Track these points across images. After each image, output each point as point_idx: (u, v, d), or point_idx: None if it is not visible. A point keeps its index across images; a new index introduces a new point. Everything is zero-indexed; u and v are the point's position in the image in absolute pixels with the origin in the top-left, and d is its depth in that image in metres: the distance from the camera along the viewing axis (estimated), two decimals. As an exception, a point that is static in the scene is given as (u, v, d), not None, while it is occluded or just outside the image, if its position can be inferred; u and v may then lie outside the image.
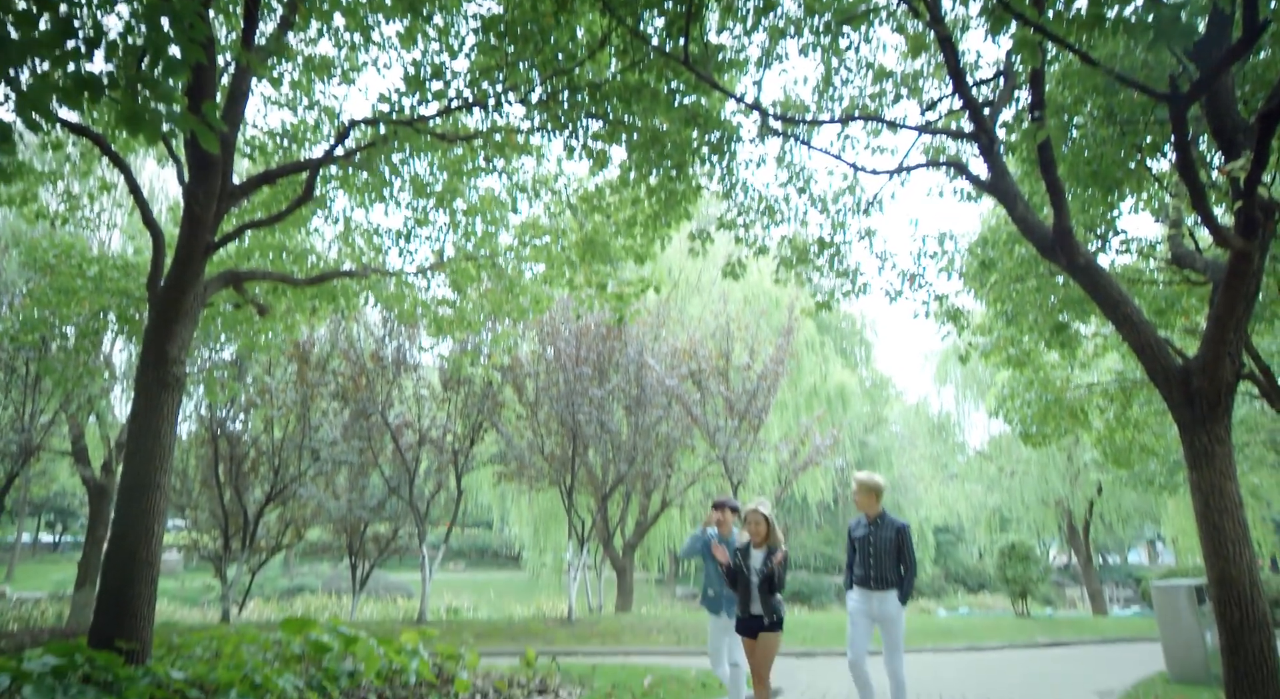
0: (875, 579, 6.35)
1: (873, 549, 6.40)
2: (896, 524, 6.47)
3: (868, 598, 6.39)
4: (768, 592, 6.01)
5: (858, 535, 6.58)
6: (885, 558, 6.37)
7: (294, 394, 14.08)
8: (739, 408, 14.89)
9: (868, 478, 6.57)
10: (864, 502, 6.52)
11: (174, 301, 6.60)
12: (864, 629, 6.39)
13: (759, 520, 6.13)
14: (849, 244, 6.54)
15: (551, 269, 9.01)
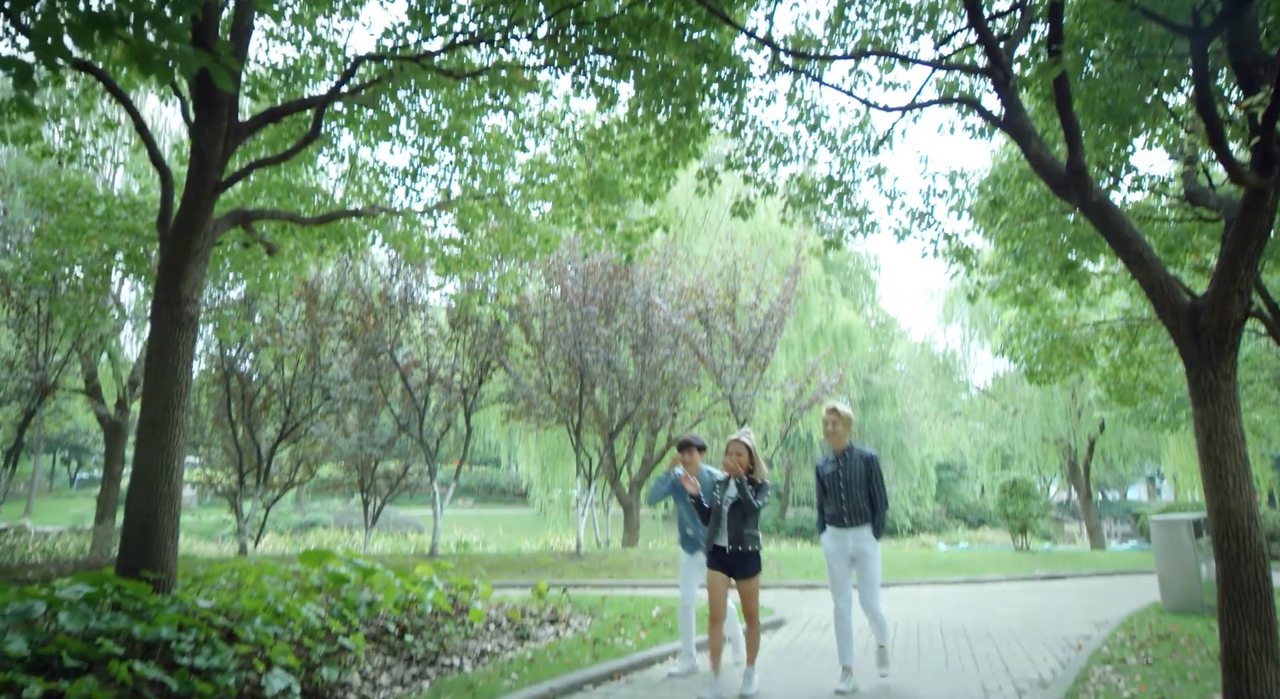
0: (848, 514, 6.14)
1: (843, 484, 6.19)
2: (865, 455, 6.26)
3: (842, 536, 6.20)
4: (740, 519, 5.75)
5: (827, 473, 6.35)
6: (857, 491, 6.18)
7: (304, 333, 14.18)
8: (745, 347, 14.96)
9: (846, 408, 6.38)
10: (841, 433, 6.29)
11: (184, 241, 6.61)
12: (844, 571, 6.21)
13: (741, 451, 5.83)
14: (858, 183, 6.48)
15: (559, 208, 8.97)
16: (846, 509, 6.13)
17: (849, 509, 6.13)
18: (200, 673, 4.75)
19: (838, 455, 6.29)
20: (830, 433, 6.34)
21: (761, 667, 7.14)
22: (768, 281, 16.10)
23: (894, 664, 7.27)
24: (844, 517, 6.14)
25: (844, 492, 6.17)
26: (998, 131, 6.34)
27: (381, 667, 5.97)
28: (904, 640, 8.46)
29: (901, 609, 10.89)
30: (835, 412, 6.33)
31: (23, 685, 4.07)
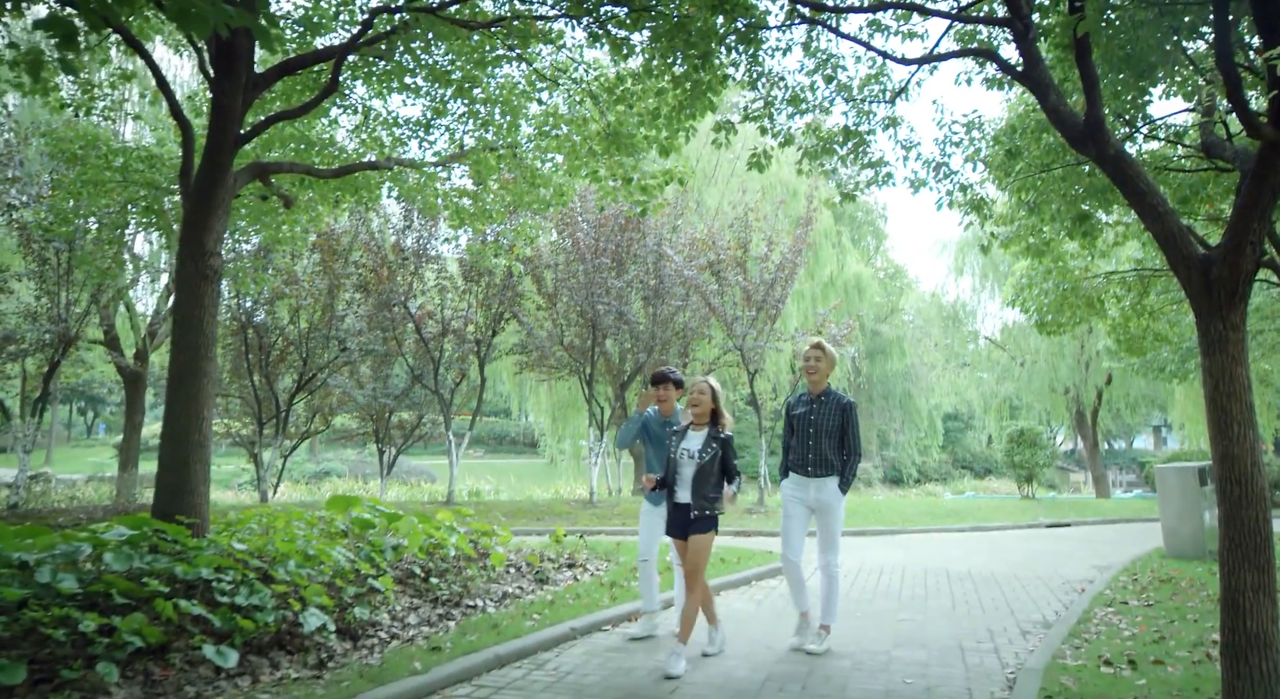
0: (814, 463, 5.59)
1: (813, 430, 5.61)
2: (842, 402, 5.67)
3: (804, 485, 5.65)
4: (703, 480, 5.20)
5: (797, 414, 5.76)
6: (826, 439, 5.60)
7: (320, 284, 14.31)
8: (757, 298, 15.02)
9: (831, 347, 5.82)
10: (822, 372, 5.72)
11: (207, 195, 6.69)
12: (800, 521, 5.68)
13: (703, 391, 5.28)
14: (873, 133, 6.48)
15: (574, 160, 8.97)
16: (813, 457, 5.60)
17: (815, 457, 5.60)
18: (240, 611, 4.99)
19: (813, 398, 5.72)
20: (811, 370, 5.74)
21: (776, 608, 7.40)
22: (779, 233, 16.09)
23: (903, 609, 7.51)
24: (808, 465, 5.62)
25: (812, 438, 5.62)
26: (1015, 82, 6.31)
27: (409, 607, 6.22)
28: (911, 585, 8.71)
29: (908, 555, 11.16)
30: (820, 348, 5.75)
31: (78, 620, 4.30)
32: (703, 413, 5.30)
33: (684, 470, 5.28)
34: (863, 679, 5.16)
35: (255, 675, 4.68)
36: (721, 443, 5.27)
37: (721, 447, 5.26)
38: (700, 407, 5.29)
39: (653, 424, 5.87)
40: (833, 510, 5.63)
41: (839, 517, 5.68)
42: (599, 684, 4.99)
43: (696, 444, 5.26)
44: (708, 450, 5.22)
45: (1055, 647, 5.71)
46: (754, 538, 12.86)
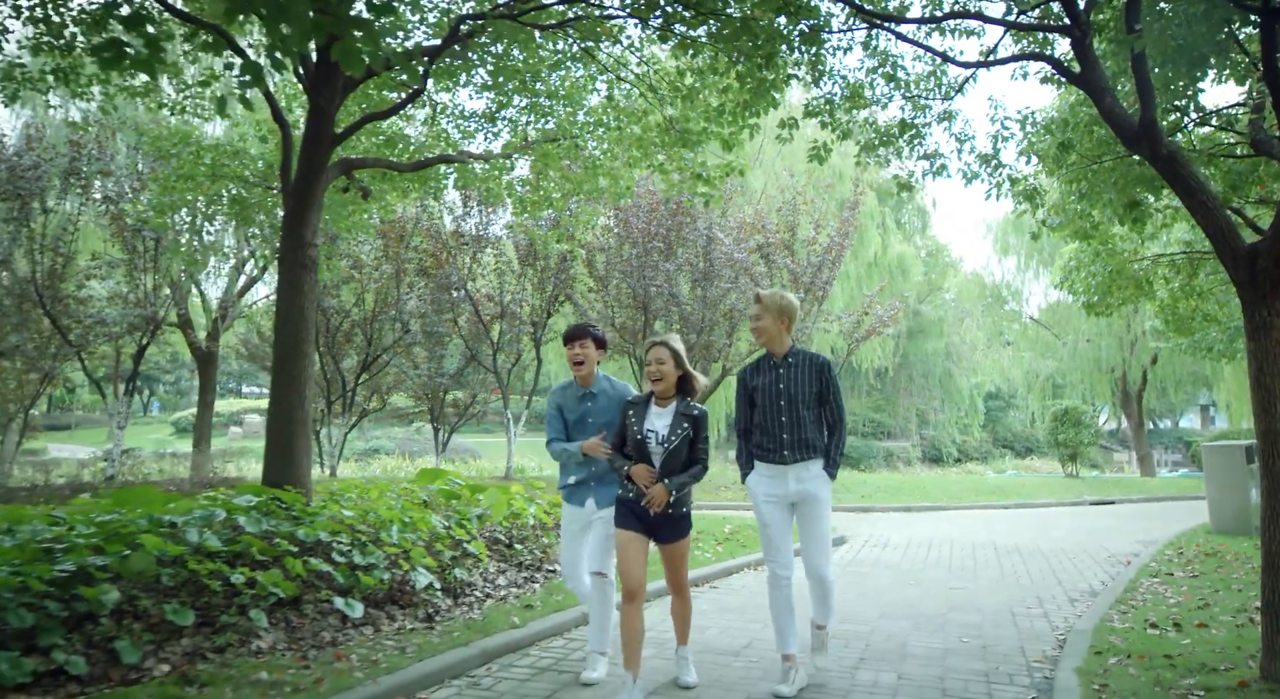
0: (790, 445, 4.25)
1: (785, 402, 4.28)
2: (818, 361, 4.38)
3: (780, 476, 4.30)
4: (673, 468, 4.12)
5: (758, 385, 4.41)
6: (803, 412, 4.27)
7: (386, 269, 14.95)
8: (804, 280, 15.35)
9: (775, 296, 4.42)
10: (769, 331, 4.35)
11: (306, 191, 7.24)
12: (784, 525, 4.37)
13: (663, 359, 4.14)
14: (929, 126, 6.80)
15: (635, 151, 9.37)
16: (788, 437, 4.25)
17: (792, 438, 4.26)
18: (358, 569, 5.56)
19: (777, 361, 4.37)
20: (757, 332, 4.42)
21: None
22: (825, 216, 16.36)
23: (954, 578, 7.92)
24: (782, 448, 4.27)
25: (785, 413, 4.27)
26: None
27: (498, 571, 6.77)
28: (960, 557, 9.10)
29: (955, 529, 11.52)
30: (759, 301, 4.44)
31: (228, 574, 4.90)
32: (666, 385, 4.15)
33: (652, 456, 4.11)
34: (922, 637, 5.60)
35: (376, 625, 5.26)
36: (694, 421, 4.15)
37: (693, 426, 4.15)
38: (664, 378, 4.13)
39: (568, 401, 4.63)
40: (819, 504, 4.29)
41: (827, 512, 4.36)
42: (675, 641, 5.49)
43: (663, 424, 4.11)
44: (678, 431, 4.09)
45: (1103, 612, 6.09)
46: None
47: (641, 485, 4.08)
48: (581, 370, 4.57)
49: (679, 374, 4.21)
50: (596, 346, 4.63)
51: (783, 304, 4.40)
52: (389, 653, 4.72)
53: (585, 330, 4.65)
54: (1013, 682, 4.62)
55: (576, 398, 4.62)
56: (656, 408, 4.21)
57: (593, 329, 4.68)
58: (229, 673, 4.20)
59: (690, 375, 4.26)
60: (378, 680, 4.25)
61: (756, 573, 8.01)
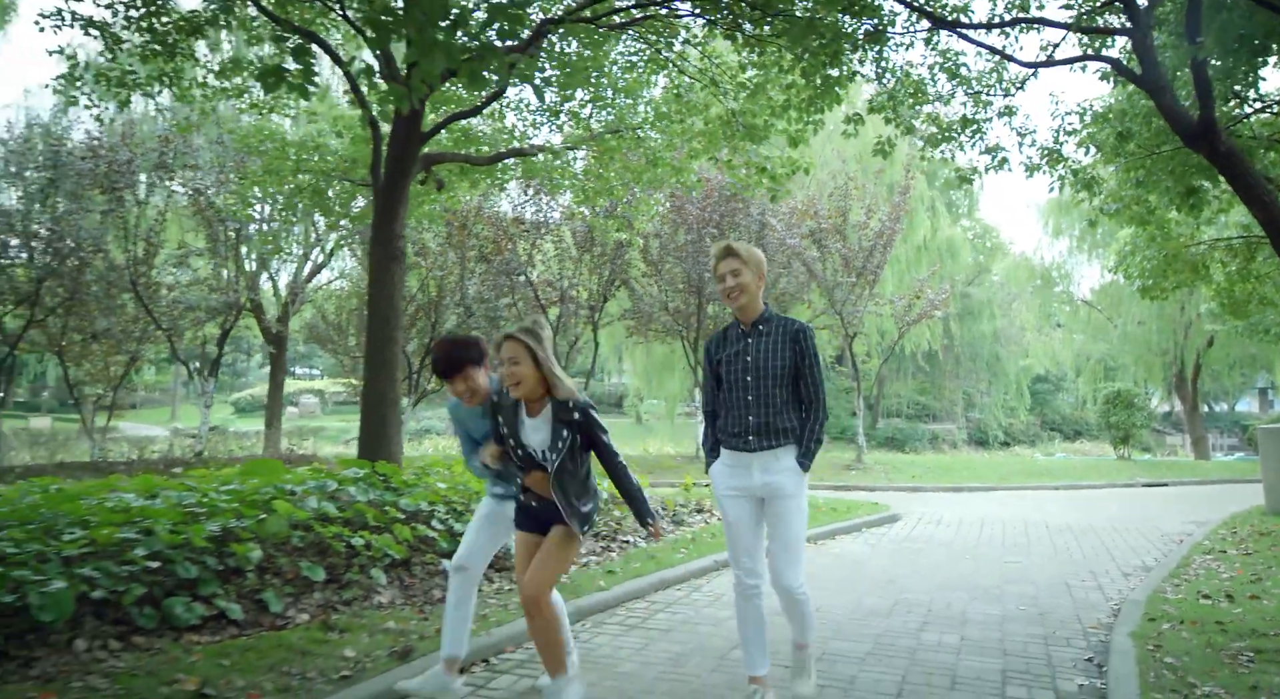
0: (757, 429, 3.54)
1: (751, 377, 3.57)
2: (793, 327, 3.63)
3: (744, 466, 3.58)
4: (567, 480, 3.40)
5: (724, 357, 3.69)
6: (775, 389, 3.55)
7: (452, 256, 15.55)
8: (856, 265, 15.60)
9: (750, 248, 3.71)
10: (749, 289, 3.61)
11: (394, 187, 7.75)
12: (751, 523, 3.64)
13: (515, 358, 3.35)
14: (990, 121, 7.06)
15: (694, 144, 9.73)
16: (754, 420, 3.56)
17: (758, 421, 3.55)
18: (456, 535, 6.09)
19: (746, 330, 3.66)
20: (733, 292, 3.63)
21: (889, 550, 8.23)
22: (876, 200, 16.56)
23: (1008, 553, 8.23)
24: (748, 432, 3.56)
25: (751, 390, 3.57)
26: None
27: (578, 539, 7.28)
28: (1012, 534, 9.39)
29: (1006, 509, 11.78)
30: (734, 253, 3.65)
31: (349, 537, 5.45)
32: (528, 388, 3.35)
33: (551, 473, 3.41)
34: (980, 606, 5.96)
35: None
36: (577, 423, 3.37)
37: (579, 428, 3.38)
38: (521, 382, 3.34)
39: (466, 420, 3.87)
40: (787, 501, 3.55)
41: (800, 511, 3.59)
42: (752, 603, 5.93)
43: (540, 438, 3.39)
44: (559, 444, 3.35)
45: (1155, 584, 6.38)
46: (854, 491, 13.64)
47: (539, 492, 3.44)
48: (472, 400, 3.72)
49: (541, 374, 3.35)
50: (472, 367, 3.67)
51: (758, 258, 3.69)
52: (493, 609, 5.23)
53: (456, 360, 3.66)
54: (1069, 644, 4.97)
55: (477, 415, 3.80)
56: (527, 418, 3.38)
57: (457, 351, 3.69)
58: (360, 622, 4.74)
59: (551, 377, 3.36)
60: (490, 632, 4.75)
61: (815, 547, 8.40)
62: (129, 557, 4.44)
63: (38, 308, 13.50)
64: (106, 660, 3.91)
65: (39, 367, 35.68)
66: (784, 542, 3.61)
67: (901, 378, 37.21)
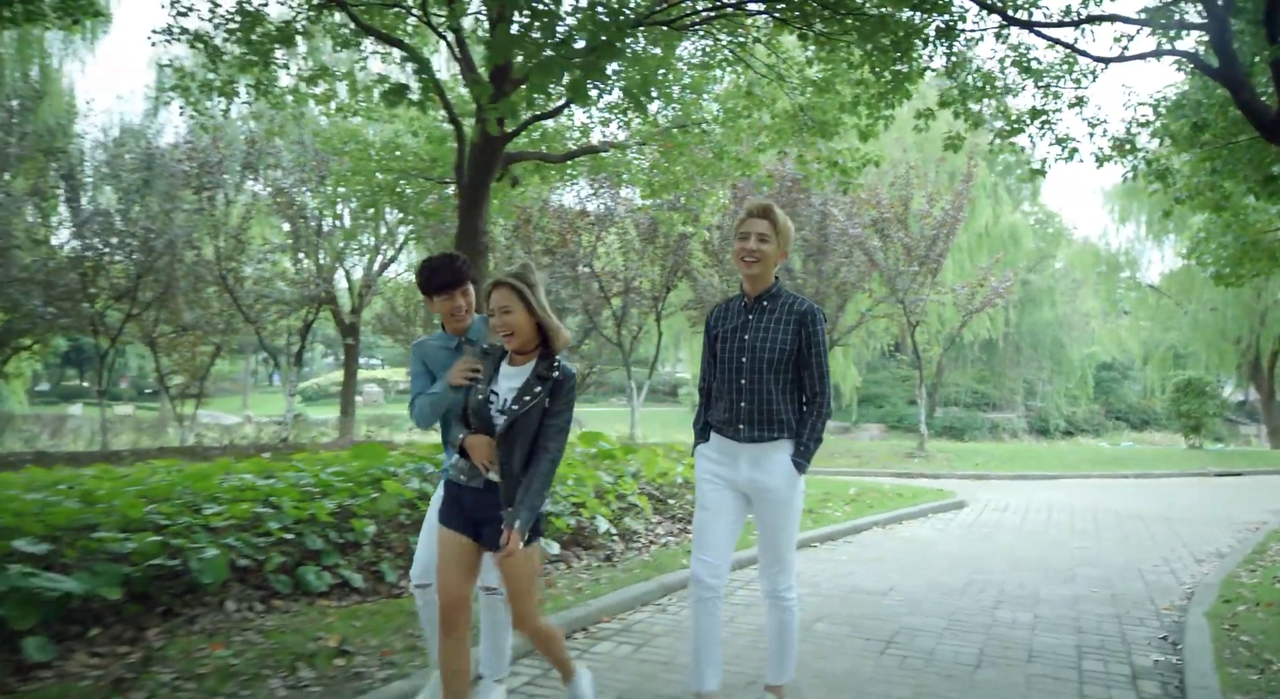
0: (748, 417, 3.16)
1: (748, 358, 3.16)
2: (800, 307, 3.20)
3: (732, 456, 3.22)
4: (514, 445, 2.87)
5: (722, 331, 3.29)
6: (770, 374, 3.15)
7: (521, 251, 16.02)
8: (918, 253, 15.62)
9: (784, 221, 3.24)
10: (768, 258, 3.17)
11: (477, 185, 8.15)
12: (725, 516, 3.23)
13: (507, 307, 2.92)
14: (1060, 112, 7.14)
15: (762, 138, 9.93)
16: (745, 406, 3.17)
17: (751, 408, 3.16)
18: (548, 515, 6.47)
19: (748, 303, 3.26)
20: (750, 256, 3.17)
21: (957, 534, 8.41)
22: (938, 188, 16.51)
23: (1078, 539, 8.32)
24: (739, 419, 3.18)
25: (743, 373, 3.17)
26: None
27: (657, 521, 7.62)
28: (1081, 521, 9.46)
29: (1073, 497, 11.78)
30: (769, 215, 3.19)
31: (413, 519, 5.87)
32: (522, 339, 2.95)
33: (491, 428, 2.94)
34: (1052, 587, 6.13)
35: (568, 563, 6.17)
36: (552, 386, 2.93)
37: (550, 391, 2.93)
38: (515, 332, 2.93)
39: (436, 356, 3.44)
40: (778, 505, 3.17)
41: (792, 516, 3.23)
42: (828, 584, 6.19)
43: (510, 386, 2.95)
44: (527, 397, 2.90)
45: (1230, 569, 6.46)
46: (917, 479, 13.74)
47: (478, 463, 2.93)
48: (455, 322, 3.42)
49: (537, 322, 2.95)
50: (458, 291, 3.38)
51: (790, 230, 3.27)
52: (586, 583, 5.60)
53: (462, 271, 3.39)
54: (1143, 624, 5.14)
55: (447, 349, 3.43)
56: (509, 367, 3.00)
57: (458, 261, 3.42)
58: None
59: (548, 325, 2.97)
60: (586, 604, 5.12)
61: (885, 530, 8.60)
62: (264, 528, 4.90)
63: (135, 302, 14.35)
64: (254, 620, 4.38)
65: (120, 359, 37.43)
66: (774, 551, 3.25)
67: (960, 366, 36.80)
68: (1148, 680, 4.13)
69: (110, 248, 14.24)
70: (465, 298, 3.42)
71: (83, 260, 13.93)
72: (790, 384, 3.21)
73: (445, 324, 3.46)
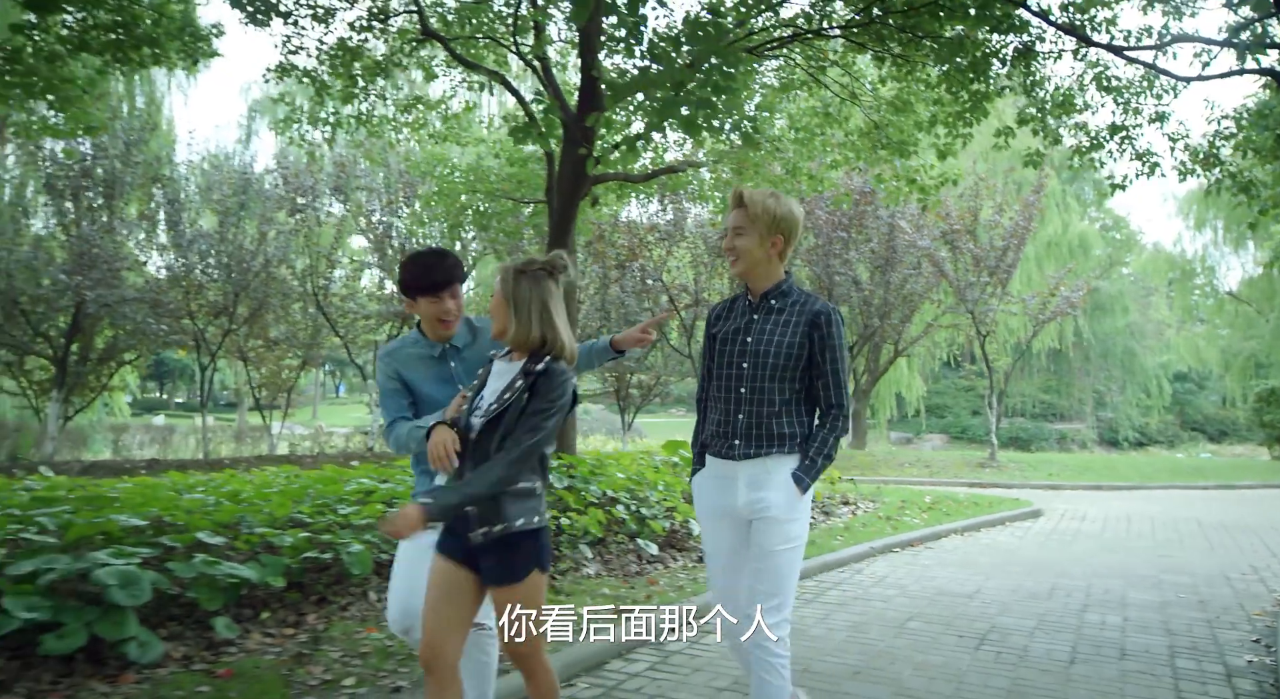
0: (744, 432, 2.71)
1: (745, 364, 2.72)
2: (813, 307, 2.74)
3: (728, 480, 2.75)
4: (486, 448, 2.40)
5: (722, 331, 2.82)
6: (769, 384, 2.71)
7: (596, 267, 16.55)
8: (988, 264, 15.66)
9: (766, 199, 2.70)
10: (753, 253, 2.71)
11: (566, 207, 8.59)
12: (727, 554, 2.80)
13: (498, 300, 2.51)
14: (1140, 127, 7.27)
15: (836, 155, 10.19)
16: (744, 418, 2.72)
17: (749, 420, 2.72)
18: (642, 519, 6.85)
19: (753, 302, 2.79)
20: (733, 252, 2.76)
21: (1037, 541, 8.52)
22: (1007, 198, 16.53)
23: (1161, 547, 8.36)
24: (734, 434, 2.73)
25: (742, 382, 2.73)
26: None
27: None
28: (1163, 530, 9.46)
29: (1153, 507, 11.70)
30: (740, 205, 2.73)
31: (558, 516, 6.28)
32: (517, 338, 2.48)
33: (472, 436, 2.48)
34: (1138, 593, 6.26)
35: (664, 563, 6.53)
36: (534, 381, 2.41)
37: (529, 387, 2.40)
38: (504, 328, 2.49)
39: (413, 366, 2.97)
40: (777, 527, 2.65)
41: (790, 542, 2.67)
42: (915, 586, 6.42)
43: (496, 386, 2.50)
44: (506, 395, 2.42)
45: (1321, 577, 6.50)
46: (989, 489, 13.75)
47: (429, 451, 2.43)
48: (452, 328, 2.95)
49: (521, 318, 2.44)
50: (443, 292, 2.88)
51: (778, 214, 2.68)
52: (686, 581, 5.95)
53: (454, 270, 2.91)
54: (1234, 627, 5.27)
55: (429, 358, 2.96)
56: (502, 363, 2.55)
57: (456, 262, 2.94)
58: (579, 587, 5.54)
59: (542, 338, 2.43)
60: (690, 599, 5.46)
61: (964, 537, 8.76)
62: (397, 527, 5.37)
63: (232, 319, 15.27)
64: (396, 609, 4.83)
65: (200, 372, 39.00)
66: (766, 584, 2.61)
67: (1026, 376, 36.19)
68: (1242, 679, 4.29)
69: (209, 268, 15.18)
70: (455, 301, 2.91)
71: (184, 279, 14.88)
72: (797, 395, 2.75)
73: (427, 329, 2.95)
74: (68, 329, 14.02)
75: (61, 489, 5.63)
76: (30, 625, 3.47)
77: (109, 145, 13.82)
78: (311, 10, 8.69)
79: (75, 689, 3.42)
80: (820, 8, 7.63)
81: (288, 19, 8.71)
